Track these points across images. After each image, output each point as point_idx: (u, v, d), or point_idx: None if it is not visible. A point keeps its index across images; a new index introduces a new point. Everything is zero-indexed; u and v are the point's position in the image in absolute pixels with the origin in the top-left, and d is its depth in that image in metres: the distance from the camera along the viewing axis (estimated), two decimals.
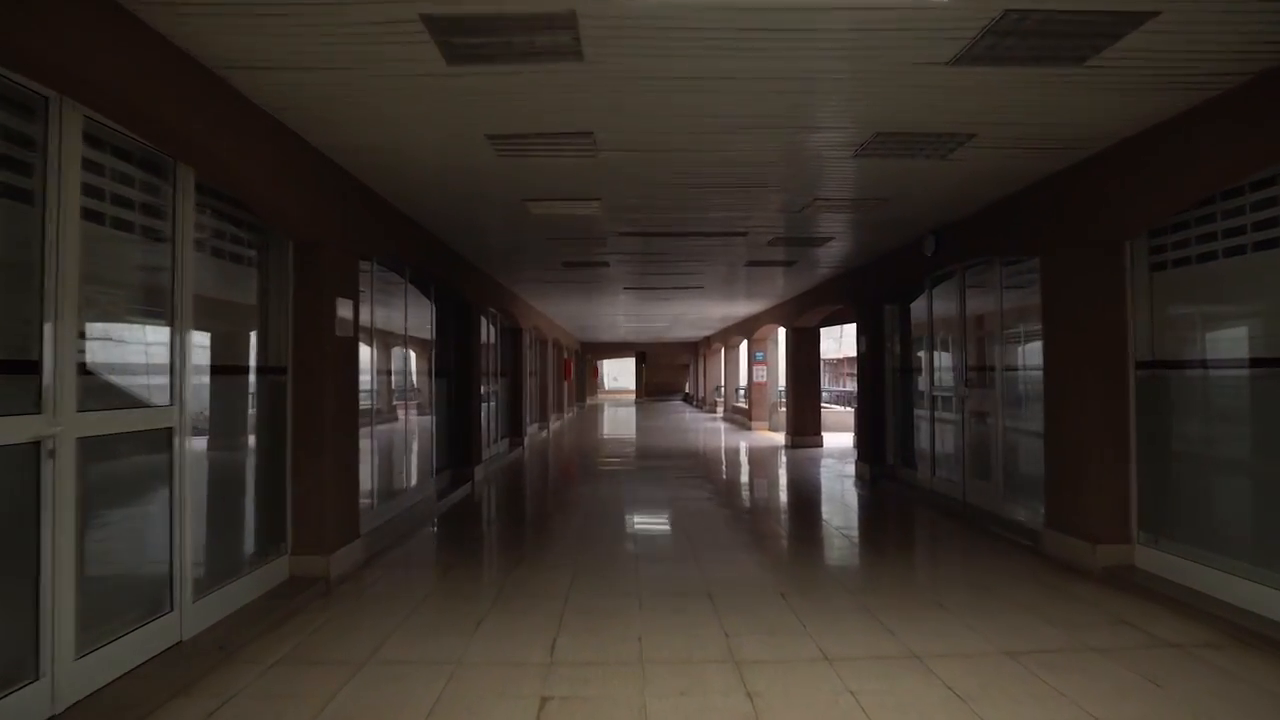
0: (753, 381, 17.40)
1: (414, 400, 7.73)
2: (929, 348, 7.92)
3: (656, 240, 7.57)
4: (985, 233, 6.15)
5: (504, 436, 12.59)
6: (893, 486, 8.43)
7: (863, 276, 9.19)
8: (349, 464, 4.95)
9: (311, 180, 4.43)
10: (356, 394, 5.12)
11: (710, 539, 5.83)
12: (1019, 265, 6.15)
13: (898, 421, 8.87)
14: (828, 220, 6.65)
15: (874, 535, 6.29)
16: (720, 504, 7.65)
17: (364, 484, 5.85)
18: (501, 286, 10.91)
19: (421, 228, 6.74)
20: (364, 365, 5.98)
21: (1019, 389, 6.19)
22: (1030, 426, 5.98)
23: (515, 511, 7.68)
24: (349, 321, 4.91)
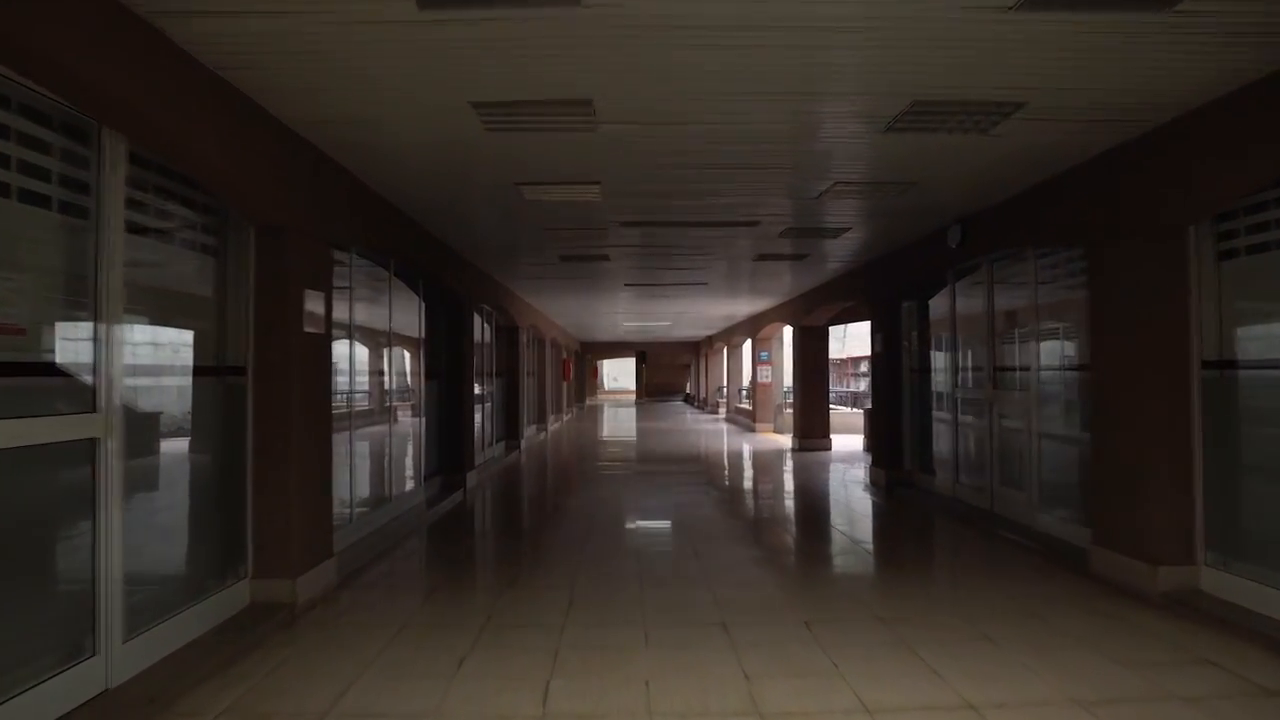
0: (757, 382, 16.91)
1: (402, 402, 7.22)
2: (951, 346, 7.41)
3: (660, 231, 7.07)
4: (1019, 221, 5.65)
5: (500, 439, 12.08)
6: (910, 494, 7.93)
7: (878, 271, 8.68)
8: (319, 475, 4.45)
9: (274, 156, 3.93)
10: (328, 397, 4.61)
11: (720, 555, 5.33)
12: (1055, 256, 5.65)
13: (915, 425, 8.37)
14: (845, 208, 6.15)
15: (898, 550, 5.79)
16: (728, 514, 7.15)
17: (343, 494, 5.36)
18: (497, 283, 10.41)
19: (407, 217, 6.23)
20: (342, 365, 5.49)
21: (1056, 391, 5.69)
22: (1070, 432, 5.48)
23: (509, 521, 7.17)
24: (319, 316, 4.41)
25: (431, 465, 8.05)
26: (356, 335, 5.82)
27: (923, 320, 8.34)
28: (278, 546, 4.05)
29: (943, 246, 6.87)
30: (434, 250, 7.16)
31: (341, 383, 5.53)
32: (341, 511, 5.33)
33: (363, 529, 5.63)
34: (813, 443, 12.51)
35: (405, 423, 7.27)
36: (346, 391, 5.56)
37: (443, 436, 8.27)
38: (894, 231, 7.13)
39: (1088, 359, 4.95)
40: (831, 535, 6.26)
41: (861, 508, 7.49)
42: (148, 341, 3.50)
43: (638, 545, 5.67)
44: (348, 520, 5.42)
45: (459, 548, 5.91)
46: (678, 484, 8.98)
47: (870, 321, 9.04)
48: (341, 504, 5.41)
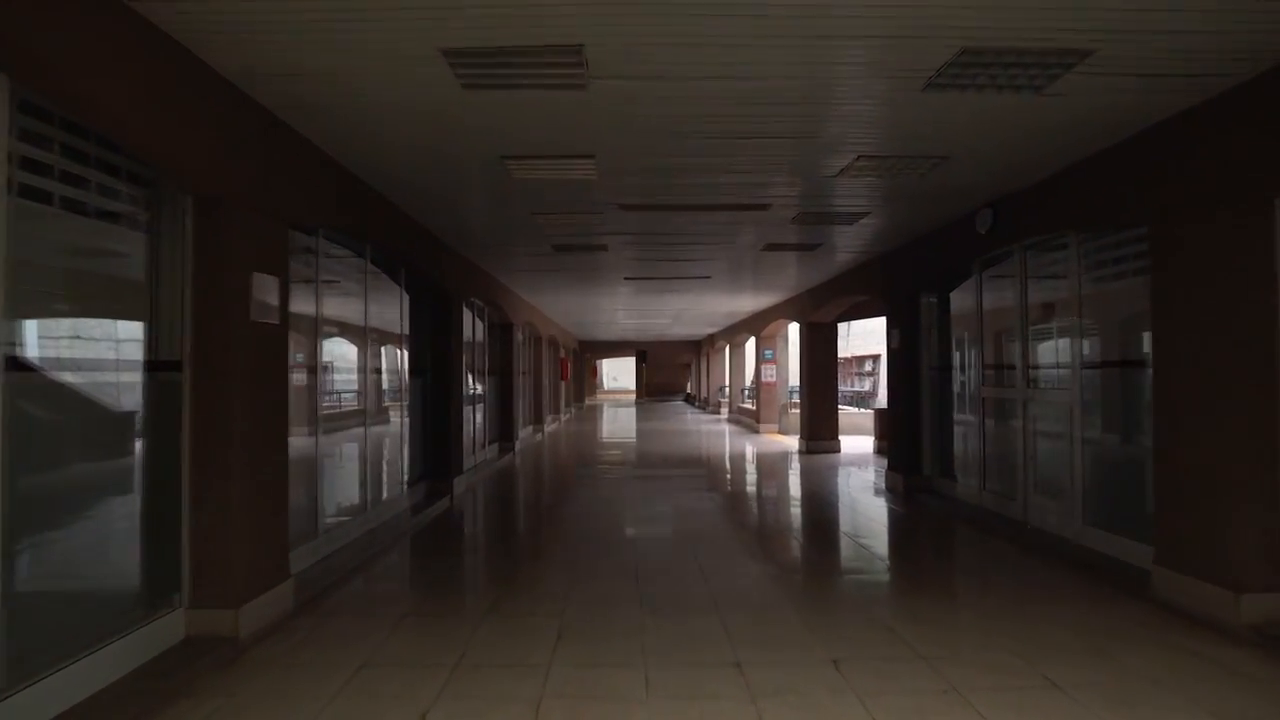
0: (761, 381, 16.34)
1: (382, 403, 6.65)
2: (976, 343, 6.84)
3: (661, 217, 6.50)
4: (1063, 201, 5.08)
5: (493, 441, 11.52)
6: (931, 502, 7.36)
7: (894, 262, 8.11)
8: (272, 486, 3.88)
9: (212, 115, 3.36)
10: (283, 396, 4.04)
11: (730, 574, 4.76)
12: (1102, 240, 5.09)
13: (935, 427, 7.80)
14: (864, 190, 5.57)
15: (928, 567, 5.21)
16: (736, 524, 6.58)
17: (310, 505, 4.80)
18: (488, 276, 9.84)
19: (384, 199, 5.66)
20: (310, 361, 4.93)
21: (1103, 390, 5.13)
22: (1119, 437, 4.92)
23: (498, 532, 6.60)
24: (271, 305, 3.84)
25: (416, 470, 7.48)
26: (326, 329, 5.26)
27: (943, 315, 7.77)
28: (218, 570, 3.49)
29: (969, 234, 6.31)
30: (417, 238, 6.59)
31: (308, 382, 4.96)
32: (305, 527, 4.77)
33: (333, 543, 5.07)
34: (821, 444, 11.95)
35: (387, 425, 6.70)
36: (315, 391, 5.00)
37: (428, 439, 7.70)
38: (916, 218, 6.56)
39: (1147, 354, 4.39)
40: (851, 549, 5.69)
41: (880, 517, 6.92)
42: (61, 334, 2.96)
43: (637, 561, 5.10)
44: (315, 535, 4.85)
45: (439, 563, 5.34)
46: (680, 489, 8.41)
47: (886, 317, 8.47)
48: (307, 517, 4.85)
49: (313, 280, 4.96)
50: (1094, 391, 5.20)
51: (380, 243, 5.88)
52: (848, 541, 5.91)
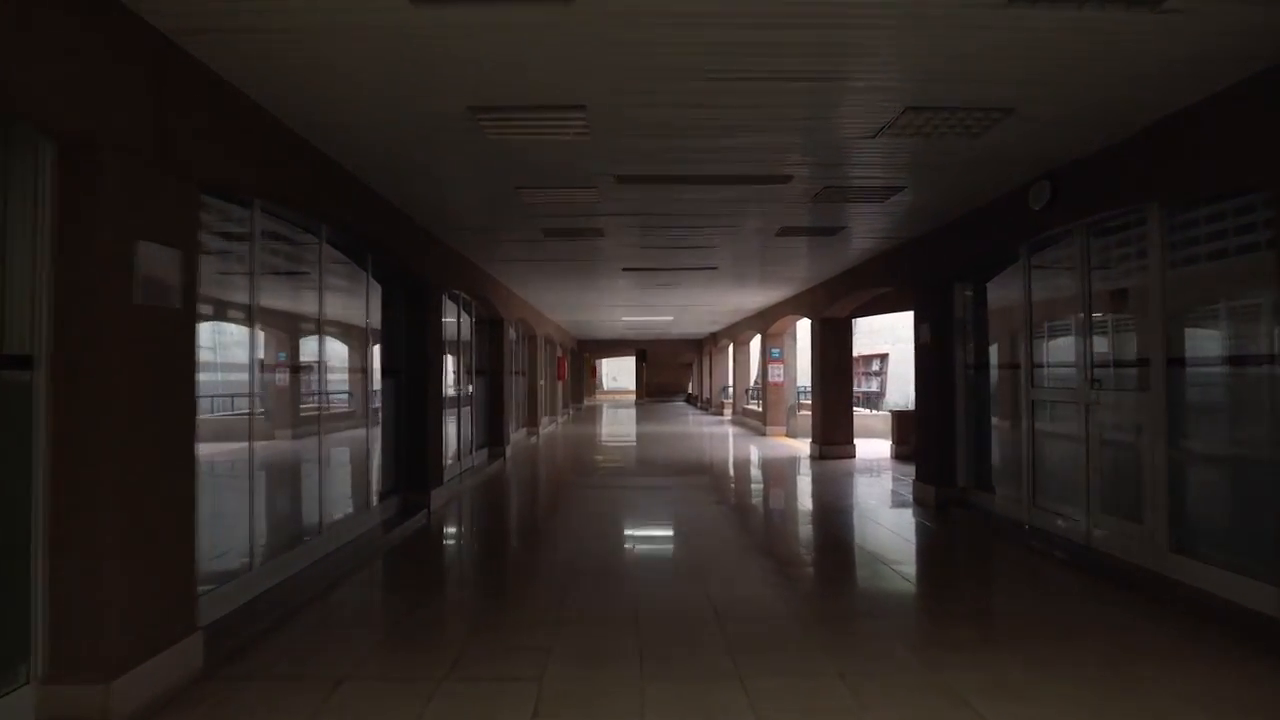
0: (768, 381, 15.49)
1: (343, 406, 5.83)
2: (1023, 337, 6.00)
3: (664, 194, 5.66)
4: (1145, 165, 4.25)
5: (481, 446, 10.68)
6: (967, 517, 6.52)
7: (924, 249, 7.28)
8: (168, 518, 3.04)
9: (69, 30, 2.53)
10: (188, 402, 3.20)
11: (750, 616, 3.92)
12: (1192, 214, 4.26)
13: (971, 433, 6.96)
14: (906, 156, 4.74)
15: (993, 608, 4.35)
16: (751, 547, 5.74)
17: (237, 533, 3.98)
18: (474, 266, 9.00)
19: (341, 168, 4.82)
20: (240, 358, 4.10)
21: (1204, 392, 4.29)
22: (1233, 449, 4.09)
23: (477, 555, 5.77)
24: (167, 285, 2.99)
25: (388, 482, 6.65)
26: (268, 320, 4.43)
27: (979, 307, 6.94)
28: (85, 632, 2.65)
29: (1017, 212, 5.48)
30: (386, 218, 5.75)
31: (240, 382, 4.13)
32: (230, 560, 3.94)
33: (271, 577, 4.23)
34: (835, 450, 11.11)
35: (350, 432, 5.87)
36: (247, 395, 4.17)
37: (402, 447, 6.86)
38: (956, 194, 5.72)
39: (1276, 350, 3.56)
40: (892, 582, 4.84)
41: (913, 537, 6.08)
42: None
43: (637, 597, 4.26)
44: (244, 570, 4.02)
45: (400, 599, 4.50)
46: (685, 502, 7.57)
47: (914, 311, 7.63)
48: (235, 548, 4.01)
49: (247, 261, 4.12)
50: (1191, 394, 4.36)
51: (340, 221, 5.04)
52: (885, 572, 5.07)
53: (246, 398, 4.19)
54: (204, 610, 3.38)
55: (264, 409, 4.63)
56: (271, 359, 4.66)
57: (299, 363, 5.03)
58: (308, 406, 5.07)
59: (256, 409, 4.28)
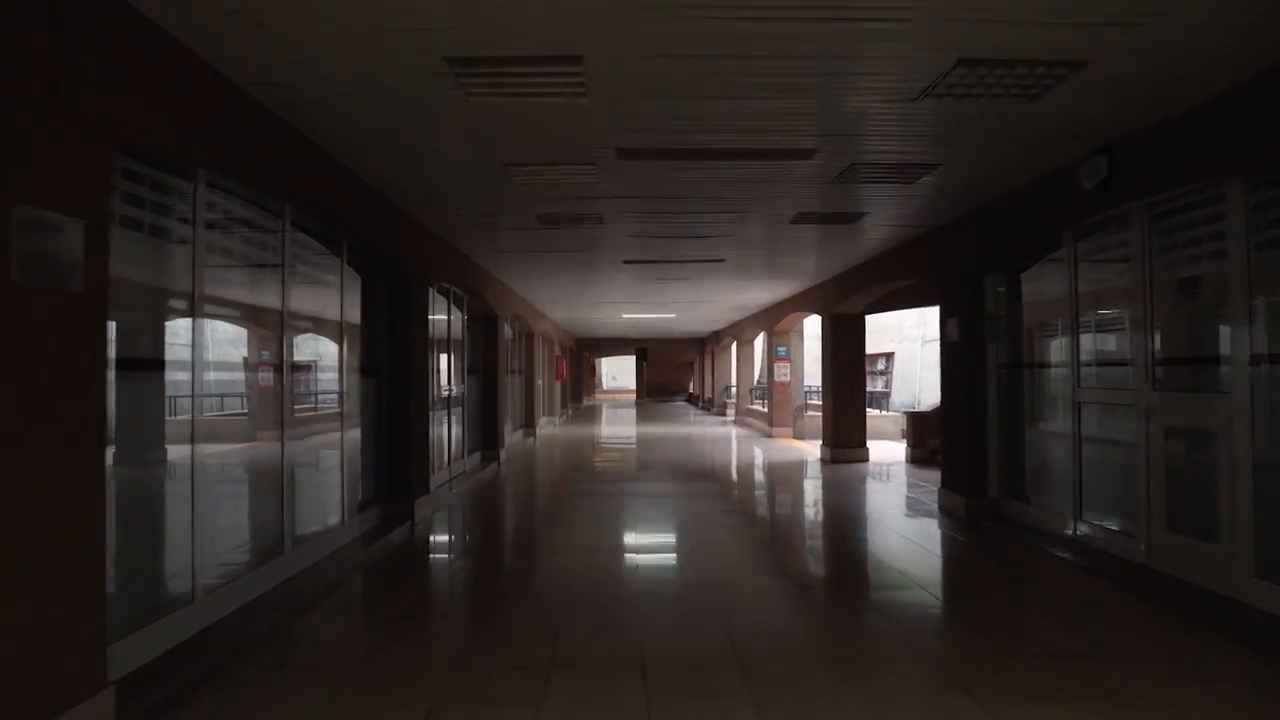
0: (774, 381, 14.92)
1: (312, 407, 5.26)
2: (1070, 332, 5.43)
3: (670, 173, 5.09)
4: (1224, 135, 3.68)
5: (474, 450, 10.11)
6: (1001, 530, 5.95)
7: (952, 237, 6.70)
8: (69, 547, 2.46)
9: None
10: (95, 404, 2.60)
11: (771, 651, 3.35)
12: (1276, 191, 3.69)
13: (1004, 438, 6.39)
14: (949, 125, 4.17)
15: (1040, 636, 3.77)
16: (767, 566, 5.17)
17: (176, 558, 3.41)
18: (465, 258, 8.42)
19: (305, 139, 4.25)
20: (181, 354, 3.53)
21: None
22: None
23: (464, 577, 5.19)
24: (64, 263, 2.40)
25: (368, 491, 6.08)
26: (214, 311, 3.85)
27: (1012, 300, 6.37)
28: None
29: (1063, 194, 4.92)
30: (362, 200, 5.17)
31: (178, 382, 3.56)
32: (168, 590, 3.37)
33: (220, 608, 3.65)
34: (847, 453, 10.53)
35: (321, 437, 5.30)
36: (192, 396, 3.60)
37: (383, 453, 6.29)
38: (995, 172, 5.15)
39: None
40: (938, 614, 4.27)
41: (944, 553, 5.51)
42: None
43: (642, 632, 3.69)
44: (185, 600, 3.44)
45: (369, 634, 3.91)
46: (692, 513, 7.00)
47: (940, 305, 7.06)
48: (175, 575, 3.44)
49: (189, 242, 3.55)
50: (1270, 395, 3.79)
51: (307, 201, 4.47)
52: (925, 598, 4.49)
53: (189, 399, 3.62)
54: (122, 657, 2.81)
55: (217, 412, 4.06)
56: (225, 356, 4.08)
57: (259, 361, 4.45)
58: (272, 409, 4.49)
59: (202, 412, 3.70)
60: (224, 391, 4.25)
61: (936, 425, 10.58)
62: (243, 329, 4.34)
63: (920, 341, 26.60)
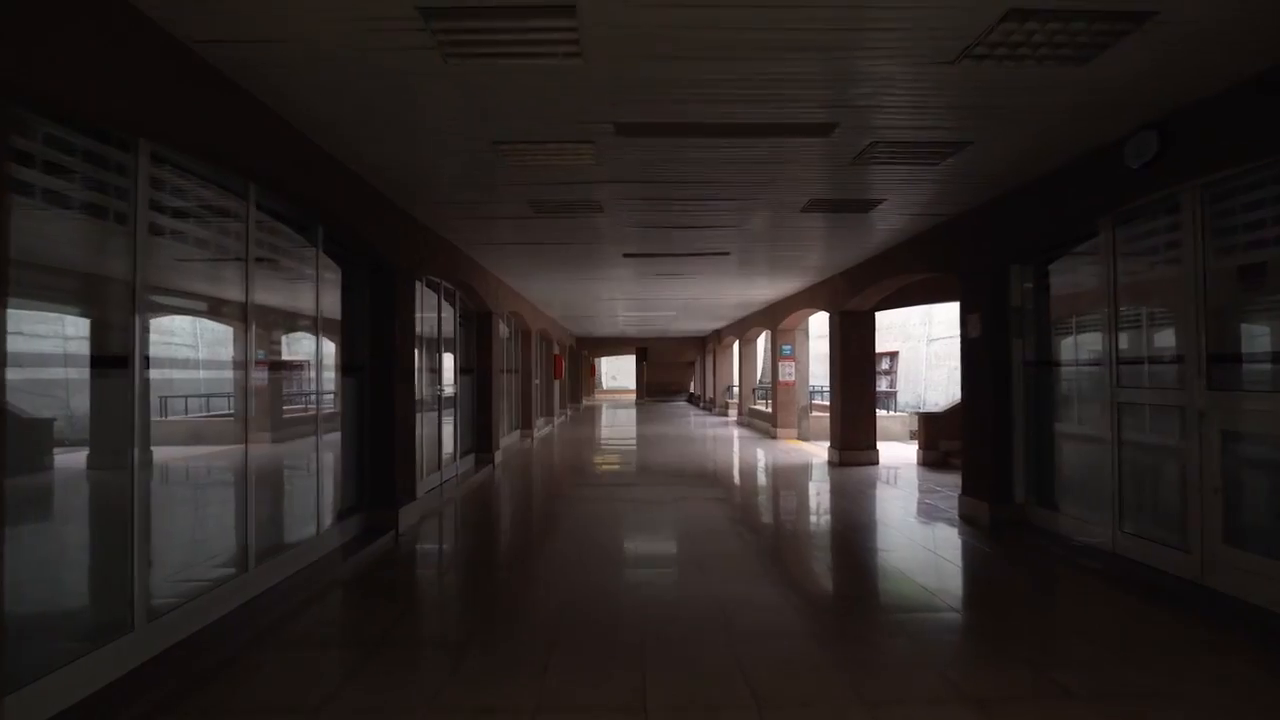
0: (778, 381, 14.48)
1: (287, 409, 4.84)
2: (1109, 327, 5.00)
3: (674, 150, 4.66)
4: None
5: (467, 452, 9.68)
6: (1029, 541, 5.52)
7: (973, 226, 6.27)
8: None
9: None
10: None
11: (796, 695, 2.92)
12: None
13: (1031, 441, 5.96)
14: (982, 96, 3.74)
15: (1104, 673, 3.34)
16: (781, 582, 4.73)
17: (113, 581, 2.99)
18: (457, 251, 7.99)
19: (271, 112, 3.82)
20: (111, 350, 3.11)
21: None
22: None
23: (449, 595, 4.76)
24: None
25: (349, 498, 5.65)
26: (164, 301, 3.42)
27: (1040, 293, 5.94)
28: None
29: (1103, 175, 4.49)
30: (338, 183, 4.74)
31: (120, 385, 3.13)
32: (103, 617, 2.95)
33: (166, 636, 3.23)
34: (856, 455, 10.10)
35: (293, 441, 4.88)
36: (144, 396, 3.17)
37: (365, 457, 5.86)
38: (1029, 150, 4.71)
39: None
40: (977, 642, 3.85)
41: (981, 569, 5.08)
42: None
43: (642, 660, 3.27)
44: (122, 629, 3.01)
45: (333, 666, 3.47)
46: (696, 522, 6.57)
47: (961, 300, 6.62)
48: (112, 599, 3.01)
49: (130, 222, 3.12)
50: None
51: (273, 181, 4.04)
52: (956, 622, 4.06)
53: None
54: (28, 706, 2.39)
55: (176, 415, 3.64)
56: (173, 352, 3.65)
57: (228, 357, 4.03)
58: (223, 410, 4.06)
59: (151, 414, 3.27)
60: (183, 392, 3.82)
61: (950, 427, 10.17)
62: (202, 323, 3.91)
63: (925, 340, 26.18)
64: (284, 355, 4.82)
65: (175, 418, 3.69)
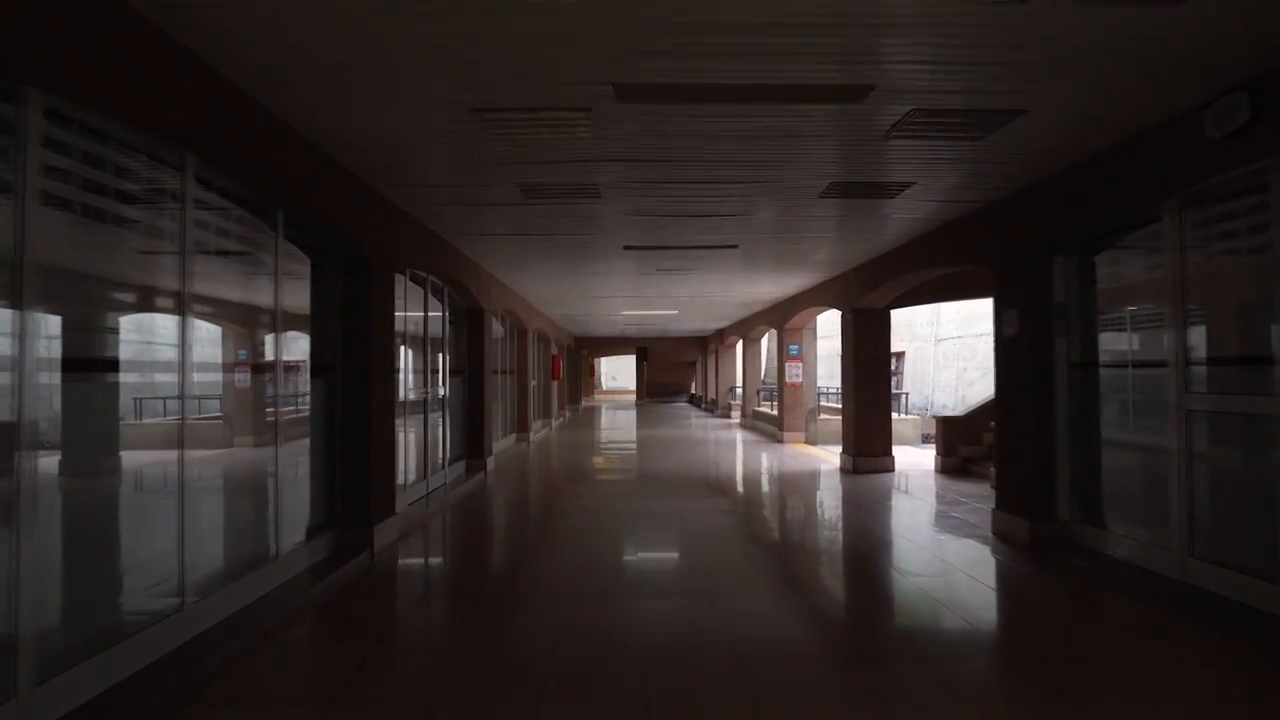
0: (785, 382, 13.89)
1: (227, 414, 4.25)
2: (1176, 323, 4.41)
3: (681, 120, 4.07)
4: None
5: (457, 458, 9.09)
6: (1077, 563, 4.92)
7: (1011, 213, 5.68)
8: None
9: None
10: None
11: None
12: None
13: (1078, 451, 5.37)
14: (1048, 49, 3.16)
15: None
16: (799, 612, 4.14)
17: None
18: (443, 243, 7.40)
19: (214, 71, 3.23)
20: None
21: None
22: None
23: (421, 633, 4.16)
24: None
25: (317, 515, 5.06)
26: (57, 290, 2.84)
27: (1086, 287, 5.36)
28: None
29: (1172, 149, 3.91)
30: (300, 159, 4.15)
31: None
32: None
33: (50, 707, 2.63)
34: (871, 462, 9.51)
35: (254, 449, 4.30)
36: (16, 395, 2.58)
37: (335, 469, 5.27)
38: (1090, 120, 4.11)
39: None
40: (1044, 698, 3.26)
41: (1027, 599, 4.49)
42: None
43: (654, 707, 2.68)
44: (6, 696, 2.43)
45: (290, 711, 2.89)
46: (704, 540, 5.98)
47: (995, 294, 6.02)
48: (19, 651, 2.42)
49: (13, 191, 2.53)
50: None
51: (216, 152, 3.45)
52: (1016, 667, 3.47)
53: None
54: None
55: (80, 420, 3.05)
56: (88, 350, 3.06)
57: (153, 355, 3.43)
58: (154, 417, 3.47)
59: (31, 417, 2.69)
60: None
61: (970, 432, 9.58)
62: (121, 316, 3.32)
63: (932, 340, 25.58)
64: (242, 355, 4.23)
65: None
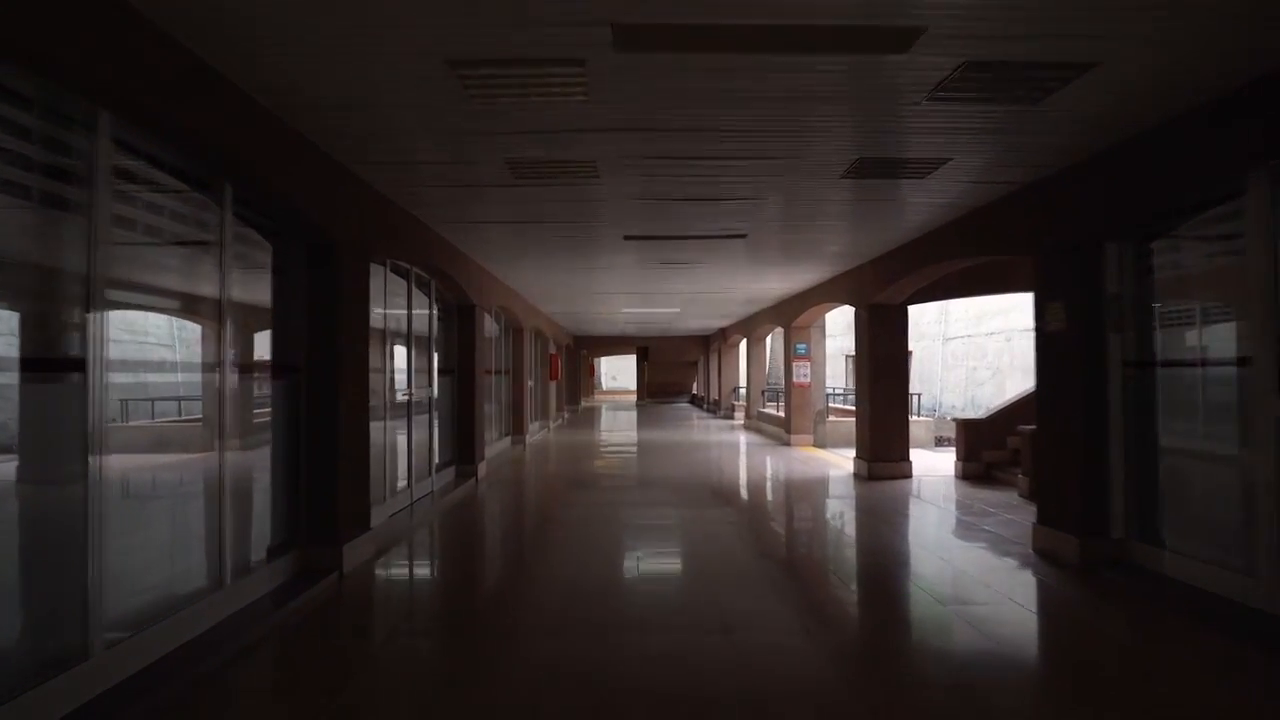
0: (792, 382, 13.31)
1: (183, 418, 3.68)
2: (1266, 316, 3.82)
3: (690, 77, 3.49)
4: None
5: (446, 464, 8.50)
6: (1137, 587, 4.34)
7: (1055, 194, 5.09)
8: None
9: None
10: None
11: None
12: None
13: (1134, 461, 4.79)
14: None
15: None
16: (825, 645, 3.55)
17: None
18: (428, 232, 6.82)
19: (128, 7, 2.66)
20: None
21: None
22: None
23: (389, 675, 3.57)
24: None
25: (280, 532, 4.49)
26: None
27: (1143, 276, 4.78)
28: None
29: (1265, 109, 3.32)
30: (248, 123, 3.56)
31: None
32: None
33: None
34: (888, 468, 8.92)
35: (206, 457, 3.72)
36: None
37: (299, 480, 4.69)
38: (1167, 79, 3.53)
39: None
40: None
41: (1086, 632, 3.91)
42: None
43: None
44: None
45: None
46: (712, 558, 5.40)
47: (1037, 286, 5.43)
48: None
49: None
50: None
51: (136, 110, 2.88)
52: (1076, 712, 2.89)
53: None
54: None
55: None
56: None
57: (57, 355, 2.86)
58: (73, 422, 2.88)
59: None
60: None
61: (994, 436, 8.98)
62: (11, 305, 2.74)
63: (941, 339, 25.00)
64: (177, 352, 3.66)
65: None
